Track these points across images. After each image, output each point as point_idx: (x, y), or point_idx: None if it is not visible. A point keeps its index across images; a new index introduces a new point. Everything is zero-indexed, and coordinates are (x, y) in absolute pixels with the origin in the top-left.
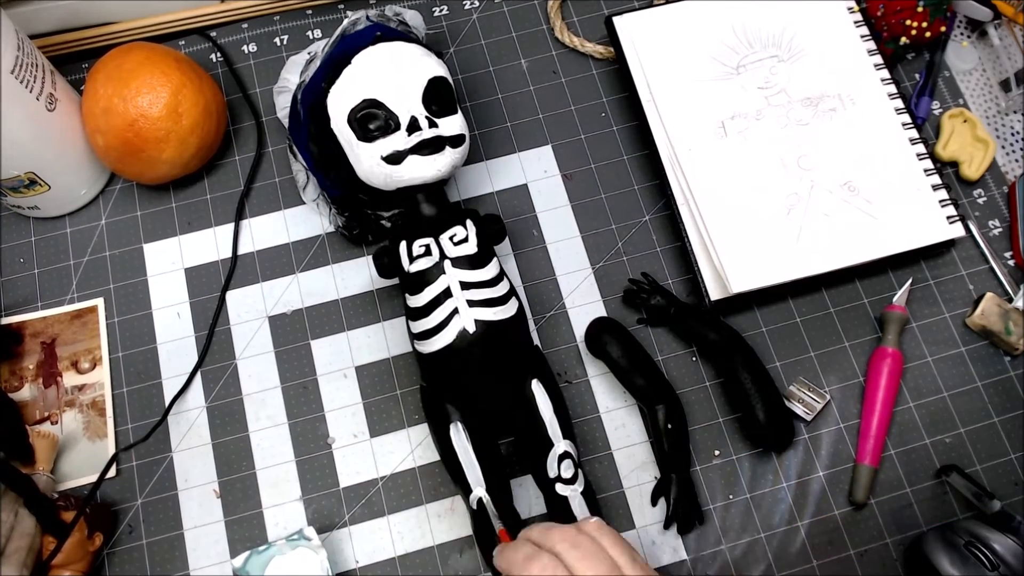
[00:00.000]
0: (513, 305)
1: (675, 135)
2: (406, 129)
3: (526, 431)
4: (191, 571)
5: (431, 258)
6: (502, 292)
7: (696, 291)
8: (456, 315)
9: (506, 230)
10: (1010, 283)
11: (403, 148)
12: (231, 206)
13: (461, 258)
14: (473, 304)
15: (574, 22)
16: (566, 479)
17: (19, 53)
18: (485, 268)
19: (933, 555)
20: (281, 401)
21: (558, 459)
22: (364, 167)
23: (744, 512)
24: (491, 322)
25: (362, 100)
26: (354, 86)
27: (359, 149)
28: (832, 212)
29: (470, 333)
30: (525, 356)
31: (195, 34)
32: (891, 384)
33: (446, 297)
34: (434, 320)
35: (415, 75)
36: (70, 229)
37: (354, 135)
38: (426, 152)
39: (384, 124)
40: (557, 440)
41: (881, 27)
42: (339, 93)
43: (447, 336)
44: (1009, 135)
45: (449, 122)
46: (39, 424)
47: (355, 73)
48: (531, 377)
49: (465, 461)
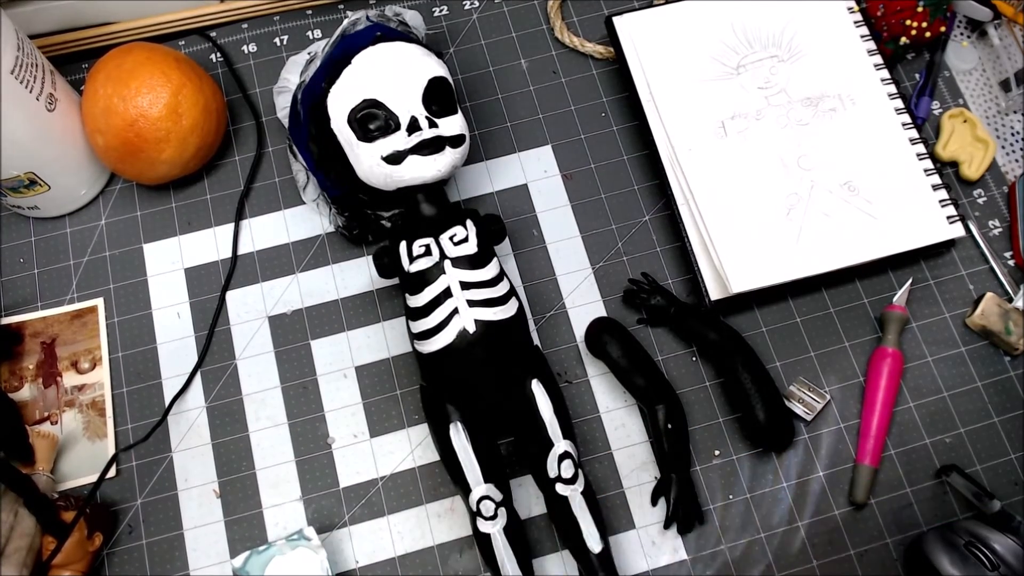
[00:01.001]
0: (513, 305)
1: (675, 135)
2: (406, 129)
3: (526, 431)
4: (191, 571)
5: (431, 258)
6: (502, 292)
7: (696, 291)
8: (456, 315)
9: (506, 230)
10: (1010, 283)
11: (403, 148)
12: (231, 206)
13: (461, 258)
14: (473, 304)
15: (574, 22)
16: (566, 479)
17: (19, 53)
18: (485, 268)
19: (933, 555)
20: (281, 401)
21: (558, 459)
22: (364, 167)
23: (744, 512)
24: (491, 322)
25: (362, 100)
26: (354, 86)
27: (359, 149)
28: (832, 212)
29: (470, 333)
30: (525, 356)
31: (195, 34)
32: (891, 384)
33: (446, 297)
34: (434, 320)
35: (415, 75)
36: (70, 229)
37: (354, 135)
38: (426, 152)
39: (384, 124)
40: (557, 440)
41: (881, 27)
42: (339, 93)
43: (447, 336)
44: (1009, 135)
45: (449, 122)
46: (39, 424)
47: (355, 73)
48: (531, 377)
49: (465, 461)
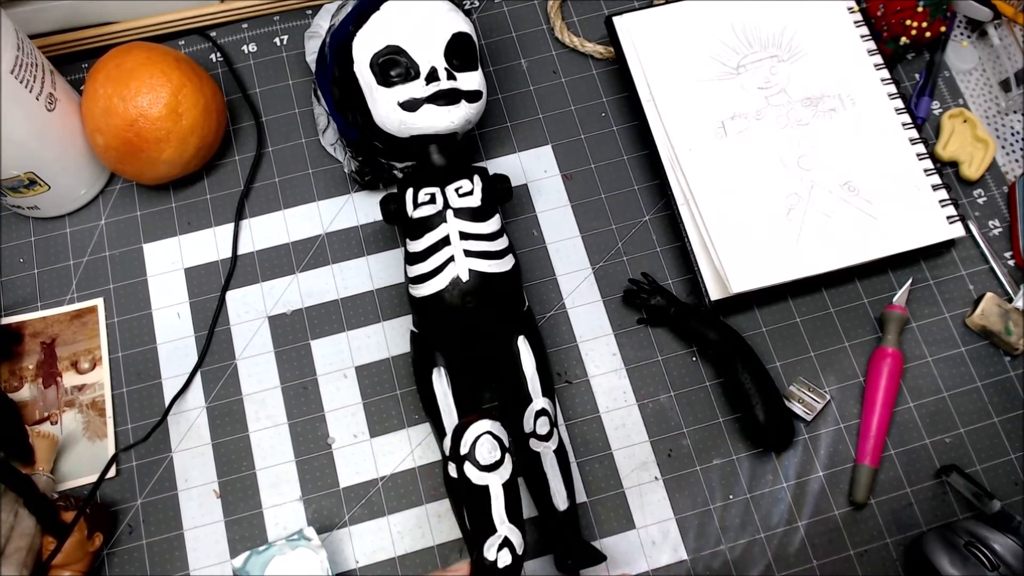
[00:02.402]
0: (509, 261)
1: (675, 135)
2: (425, 78)
3: (507, 385)
4: (191, 571)
5: (434, 206)
6: (500, 247)
7: (696, 291)
8: (452, 263)
9: (512, 191)
10: (1010, 283)
11: (420, 96)
12: (231, 206)
13: (464, 209)
14: (470, 254)
15: (574, 22)
16: (541, 435)
17: (19, 53)
18: (486, 222)
19: (933, 555)
20: (281, 401)
21: (535, 415)
22: (380, 112)
23: (744, 512)
24: (485, 274)
25: (385, 46)
26: (380, 32)
27: (377, 93)
28: (832, 212)
29: (463, 281)
30: (515, 313)
31: (195, 34)
32: (891, 384)
33: (444, 244)
34: (430, 265)
35: (440, 27)
36: (70, 229)
37: (374, 79)
38: (442, 103)
39: (404, 71)
40: (536, 396)
41: (881, 27)
42: (364, 37)
43: (440, 282)
44: (1009, 135)
45: (468, 77)
46: (39, 424)
47: (382, 19)
48: (518, 333)
49: (443, 405)
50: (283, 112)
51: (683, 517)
